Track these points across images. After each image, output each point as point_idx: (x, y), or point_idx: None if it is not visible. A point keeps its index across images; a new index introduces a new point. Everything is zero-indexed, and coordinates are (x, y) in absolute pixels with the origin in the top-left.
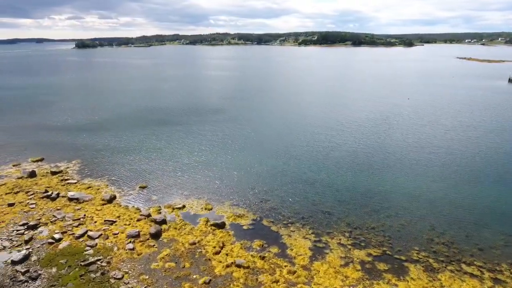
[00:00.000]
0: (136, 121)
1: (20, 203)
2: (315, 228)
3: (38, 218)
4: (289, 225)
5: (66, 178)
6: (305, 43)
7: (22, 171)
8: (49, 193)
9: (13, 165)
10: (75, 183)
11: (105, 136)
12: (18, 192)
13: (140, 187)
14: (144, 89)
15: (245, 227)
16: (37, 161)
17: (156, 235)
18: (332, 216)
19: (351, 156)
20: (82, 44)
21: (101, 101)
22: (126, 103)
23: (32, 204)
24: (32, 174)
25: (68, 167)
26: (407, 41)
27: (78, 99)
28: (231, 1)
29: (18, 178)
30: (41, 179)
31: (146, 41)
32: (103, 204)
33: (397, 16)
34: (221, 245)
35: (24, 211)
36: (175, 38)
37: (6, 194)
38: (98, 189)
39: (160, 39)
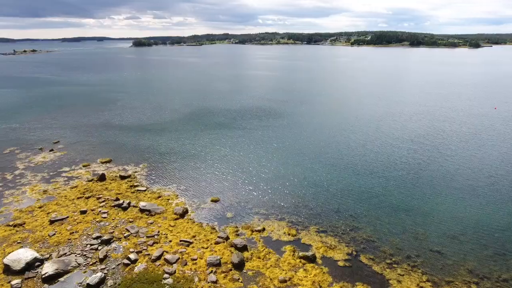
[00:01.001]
0: (197, 123)
1: (92, 210)
2: (428, 273)
3: (111, 231)
4: (395, 266)
5: (135, 184)
6: (358, 43)
7: (92, 173)
8: (120, 202)
9: (83, 166)
10: (144, 190)
11: (169, 138)
12: (89, 197)
13: (211, 201)
14: (201, 89)
15: (340, 263)
16: (105, 162)
17: (239, 266)
18: (447, 259)
19: (451, 179)
20: (139, 43)
21: (162, 100)
22: (186, 103)
23: (103, 213)
24: (102, 178)
25: (135, 171)
26: (472, 41)
27: (140, 97)
28: (280, 1)
29: (89, 180)
30: (110, 183)
31: (197, 40)
32: (175, 219)
33: (458, 14)
34: (318, 286)
35: (97, 221)
36: (224, 37)
37: (78, 198)
38: (168, 199)
39: (211, 38)
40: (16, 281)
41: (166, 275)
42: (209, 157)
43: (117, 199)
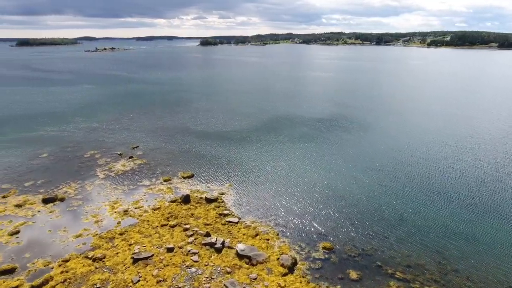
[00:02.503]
0: (278, 133)
1: (179, 248)
2: None
3: (206, 285)
4: None
5: (224, 212)
6: (436, 44)
7: (174, 190)
8: (213, 239)
9: (164, 180)
10: (236, 222)
11: (251, 152)
12: (174, 226)
13: (324, 248)
14: (271, 90)
15: None
16: (187, 177)
17: None
18: None
19: None
20: (205, 42)
21: (233, 103)
22: (258, 106)
23: (193, 253)
24: (186, 199)
25: (221, 193)
26: None
27: (211, 99)
28: (345, 0)
29: (172, 201)
30: (196, 207)
31: (261, 39)
32: (283, 274)
33: None
34: None
35: (186, 265)
36: (288, 37)
37: (162, 226)
38: (268, 239)
39: (274, 38)
40: None
41: None
42: (305, 182)
43: (208, 235)
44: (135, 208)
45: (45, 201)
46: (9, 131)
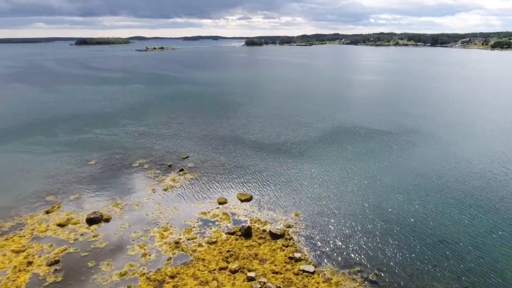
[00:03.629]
0: (342, 148)
1: None
2: None
3: None
4: None
5: (296, 256)
6: (501, 45)
7: (232, 218)
8: None
9: (219, 202)
10: (312, 273)
11: (315, 170)
12: (236, 271)
13: None
14: (323, 95)
15: None
16: (245, 200)
17: None
18: None
19: None
20: (251, 42)
21: (285, 108)
22: (313, 112)
23: None
24: (247, 233)
25: (288, 225)
26: None
27: (261, 103)
28: None
29: (230, 233)
30: (259, 244)
31: (306, 39)
32: None
33: None
34: None
35: None
36: (335, 37)
37: (221, 270)
38: None
39: (320, 38)
40: None
41: None
42: (383, 213)
43: None
44: (188, 239)
45: (89, 221)
46: (60, 132)
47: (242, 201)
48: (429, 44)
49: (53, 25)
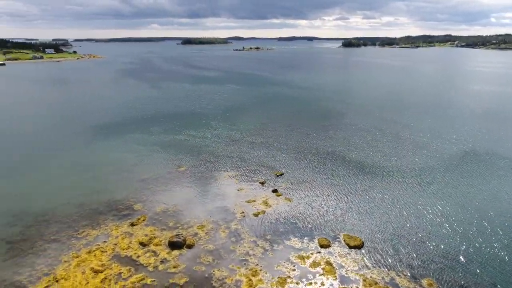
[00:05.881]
0: (487, 180)
1: None
2: None
3: None
4: None
5: None
6: None
7: (338, 271)
8: None
9: (321, 245)
10: None
11: (452, 210)
12: None
13: None
14: (444, 106)
15: None
16: (355, 246)
17: None
18: None
19: None
20: (348, 43)
21: (400, 123)
22: (439, 133)
23: None
24: None
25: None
26: None
27: (364, 113)
28: None
29: None
30: None
31: (411, 41)
32: None
33: None
34: None
35: None
36: (446, 39)
37: None
38: None
39: (428, 40)
40: None
41: None
42: None
43: None
44: None
45: (171, 245)
46: (156, 130)
47: (350, 247)
48: None
49: (165, 26)
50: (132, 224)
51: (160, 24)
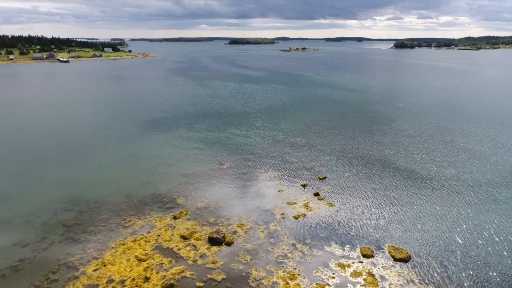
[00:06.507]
0: None
1: None
2: None
3: None
4: None
5: None
6: None
7: (381, 283)
8: None
9: (363, 254)
10: None
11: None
12: None
13: None
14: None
15: None
16: (401, 259)
17: None
18: None
19: None
20: (400, 44)
21: (457, 131)
22: (504, 143)
23: None
24: None
25: None
26: None
27: (417, 119)
28: None
29: None
30: None
31: (471, 42)
32: None
33: None
34: None
35: None
36: None
37: None
38: None
39: (492, 42)
40: None
41: None
42: None
43: None
44: None
45: (211, 240)
46: (201, 127)
47: (395, 259)
48: None
49: (213, 26)
50: (175, 217)
51: (209, 24)
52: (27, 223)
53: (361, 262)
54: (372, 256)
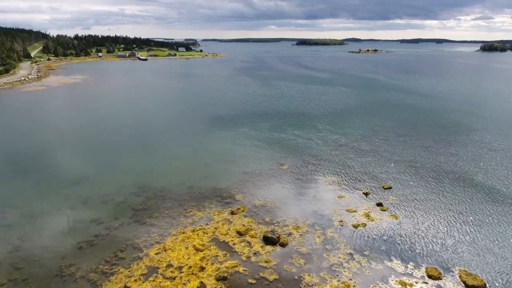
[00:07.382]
0: None
1: None
2: None
3: None
4: None
5: None
6: None
7: None
8: None
9: (429, 275)
10: None
11: None
12: None
13: None
14: None
15: None
16: (473, 287)
17: None
18: None
19: None
20: (489, 47)
21: None
22: None
23: None
24: None
25: None
26: None
27: (503, 130)
28: None
29: None
30: None
31: None
32: None
33: None
34: None
35: None
36: None
37: None
38: None
39: None
40: None
41: None
42: None
43: None
44: None
45: (266, 239)
46: (263, 127)
47: (468, 285)
48: None
49: (282, 27)
50: (232, 213)
51: (278, 25)
52: (103, 203)
53: (426, 283)
54: (439, 279)
